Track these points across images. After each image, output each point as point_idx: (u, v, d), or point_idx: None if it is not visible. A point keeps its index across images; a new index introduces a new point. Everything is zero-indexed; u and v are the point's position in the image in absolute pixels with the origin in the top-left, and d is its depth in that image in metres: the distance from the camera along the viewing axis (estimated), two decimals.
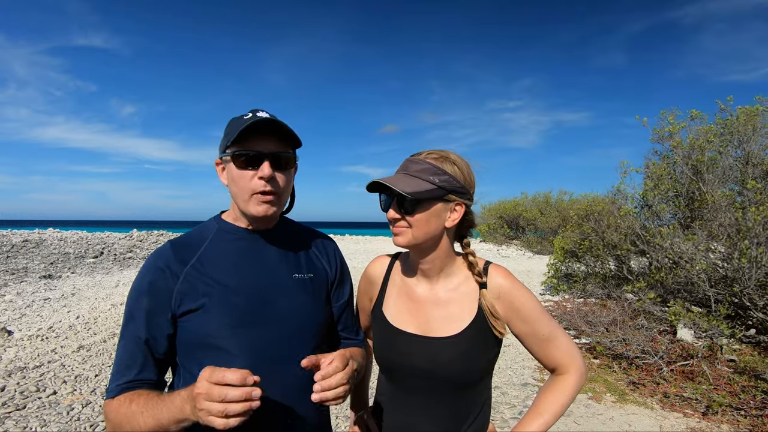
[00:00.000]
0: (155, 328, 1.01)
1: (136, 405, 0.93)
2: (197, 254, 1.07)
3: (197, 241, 1.10)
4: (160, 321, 1.01)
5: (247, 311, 1.03)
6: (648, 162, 6.86)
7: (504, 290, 1.11)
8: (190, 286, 1.02)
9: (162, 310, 1.01)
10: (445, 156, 1.10)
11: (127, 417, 0.93)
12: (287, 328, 1.07)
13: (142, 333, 1.01)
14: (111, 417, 0.97)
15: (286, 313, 1.08)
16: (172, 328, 1.02)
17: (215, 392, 0.76)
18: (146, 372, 1.01)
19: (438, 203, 1.08)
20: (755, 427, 3.28)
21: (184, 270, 1.04)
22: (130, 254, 15.39)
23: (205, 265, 1.06)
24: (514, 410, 3.77)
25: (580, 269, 8.54)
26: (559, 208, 20.02)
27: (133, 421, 0.92)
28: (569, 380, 1.11)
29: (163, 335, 1.02)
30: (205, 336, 1.00)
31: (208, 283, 1.03)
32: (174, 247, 1.07)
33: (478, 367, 1.11)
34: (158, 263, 1.05)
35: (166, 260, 1.05)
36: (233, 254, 1.09)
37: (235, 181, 1.05)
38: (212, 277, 1.04)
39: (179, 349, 1.05)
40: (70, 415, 3.47)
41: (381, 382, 1.26)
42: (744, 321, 5.10)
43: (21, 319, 6.54)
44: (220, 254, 1.08)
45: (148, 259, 1.08)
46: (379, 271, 1.29)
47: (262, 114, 1.04)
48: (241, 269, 1.07)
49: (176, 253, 1.06)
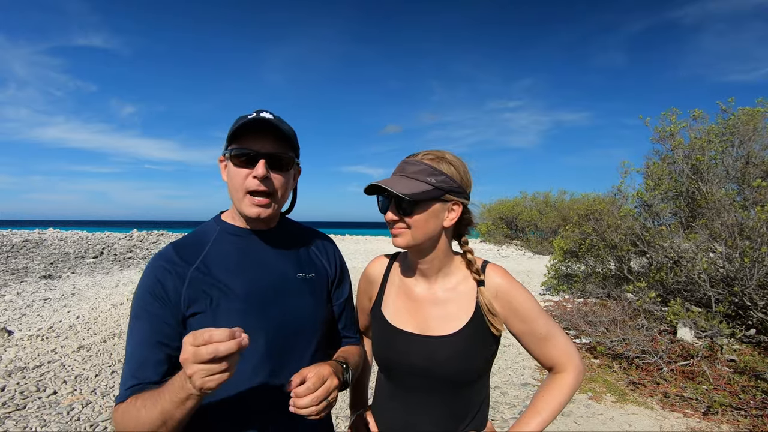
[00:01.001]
0: (164, 329, 1.00)
1: (141, 401, 0.91)
2: (201, 255, 1.07)
3: (200, 243, 1.10)
4: (169, 322, 1.01)
5: (251, 311, 1.04)
6: (648, 162, 6.87)
7: (501, 289, 1.12)
8: (196, 287, 1.02)
9: (171, 312, 1.00)
10: (441, 156, 1.12)
11: (132, 416, 0.91)
12: (291, 327, 1.08)
13: (150, 335, 0.99)
14: (118, 421, 0.95)
15: (289, 312, 1.08)
16: (181, 328, 1.02)
17: (203, 351, 0.73)
18: (156, 374, 0.99)
19: (436, 203, 1.09)
20: (755, 427, 3.28)
21: (188, 272, 1.03)
22: (130, 254, 15.39)
23: (209, 266, 1.05)
24: (514, 410, 3.77)
25: (580, 269, 8.54)
26: (559, 208, 20.03)
27: (138, 418, 0.89)
28: (566, 379, 1.12)
29: (172, 336, 1.00)
30: None
31: (213, 285, 1.03)
32: (177, 249, 1.07)
33: (476, 366, 1.12)
34: (165, 265, 1.04)
35: (171, 262, 1.04)
36: (236, 255, 1.09)
37: (231, 178, 1.06)
38: (217, 278, 1.04)
39: None
40: (70, 415, 3.47)
41: (380, 381, 1.27)
42: (744, 321, 5.10)
43: (21, 319, 6.54)
44: (223, 255, 1.08)
45: (151, 261, 1.07)
46: (378, 270, 1.30)
47: (265, 114, 1.04)
48: (244, 270, 1.08)
49: (179, 254, 1.06)
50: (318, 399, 0.90)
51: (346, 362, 1.12)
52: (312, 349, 1.11)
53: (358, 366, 1.22)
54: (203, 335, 0.74)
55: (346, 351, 1.22)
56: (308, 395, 0.89)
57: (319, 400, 0.90)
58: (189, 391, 0.79)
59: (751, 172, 5.78)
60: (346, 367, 1.09)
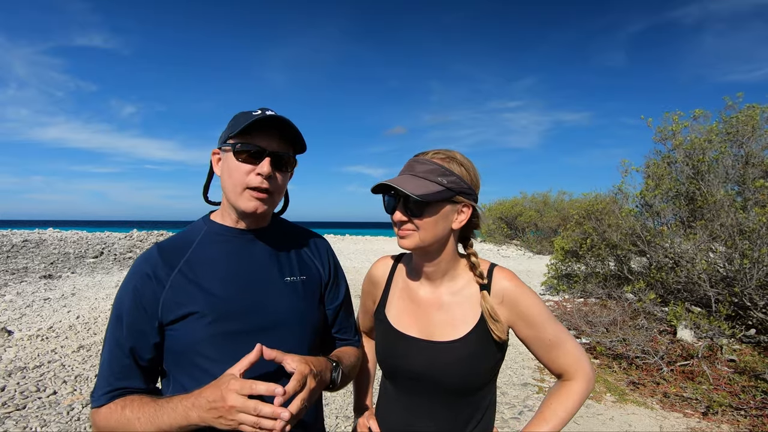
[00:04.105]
0: (140, 336, 0.98)
1: (130, 411, 0.91)
2: (185, 257, 1.04)
3: (184, 244, 1.07)
4: (145, 330, 0.98)
5: (237, 317, 1.00)
6: (649, 162, 6.87)
7: (508, 293, 1.08)
8: (178, 293, 0.99)
9: (147, 319, 0.98)
10: (452, 156, 1.08)
11: (121, 424, 0.91)
12: (280, 332, 1.04)
13: (126, 341, 0.98)
14: (102, 425, 0.94)
15: (278, 317, 1.05)
16: (158, 336, 1.00)
17: (250, 405, 0.80)
18: (134, 380, 0.98)
19: (446, 205, 1.06)
20: (755, 427, 3.28)
21: (171, 276, 1.00)
22: (130, 254, 15.38)
23: (193, 269, 1.02)
24: (514, 410, 3.77)
25: (580, 269, 8.54)
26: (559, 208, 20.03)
27: (129, 427, 0.90)
28: (575, 386, 1.08)
29: (148, 344, 0.99)
30: (194, 344, 0.97)
31: (197, 290, 1.00)
32: (161, 251, 1.04)
33: (481, 372, 1.09)
34: (145, 269, 1.01)
35: (153, 266, 1.01)
36: (222, 257, 1.06)
37: (230, 172, 1.03)
38: (200, 282, 1.01)
39: (167, 357, 1.02)
40: (70, 415, 3.47)
41: (384, 385, 1.25)
42: (744, 321, 5.10)
43: (21, 319, 6.54)
44: (208, 257, 1.05)
45: (134, 263, 1.04)
46: (381, 272, 1.27)
47: (271, 113, 1.02)
48: (230, 273, 1.04)
49: (163, 257, 1.03)
50: (299, 402, 0.87)
51: (338, 361, 1.09)
52: (304, 353, 1.07)
53: (352, 367, 1.19)
54: (248, 385, 0.82)
55: (342, 351, 1.20)
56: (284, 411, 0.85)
57: (298, 406, 0.87)
58: (196, 424, 0.85)
59: (750, 172, 5.79)
60: (336, 365, 1.06)
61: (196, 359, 0.98)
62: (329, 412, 3.63)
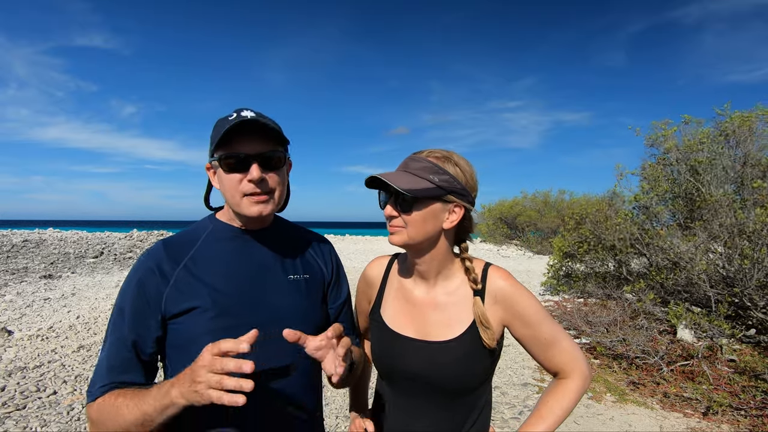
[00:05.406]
0: (143, 330, 0.99)
1: (122, 398, 0.91)
2: (190, 254, 1.05)
3: (190, 241, 1.08)
4: (148, 323, 0.99)
5: (239, 313, 1.01)
6: (645, 164, 6.88)
7: (504, 293, 1.08)
8: (181, 287, 1.00)
9: (151, 313, 0.99)
10: (448, 156, 1.08)
11: (110, 413, 0.91)
12: (281, 328, 1.03)
13: (129, 334, 0.98)
14: (95, 417, 0.94)
15: (281, 314, 1.05)
16: (161, 330, 1.00)
17: (217, 363, 0.77)
18: (133, 374, 0.98)
19: (436, 203, 1.05)
20: (755, 427, 3.29)
21: (175, 271, 1.01)
22: (130, 254, 15.38)
23: (197, 265, 1.03)
24: (514, 410, 3.77)
25: (579, 269, 8.54)
26: (559, 207, 20.02)
27: (117, 414, 0.90)
28: (572, 384, 1.09)
29: (150, 337, 0.99)
30: (195, 338, 0.97)
31: (200, 285, 1.01)
32: (166, 247, 1.05)
33: (476, 372, 1.09)
34: (149, 263, 1.02)
35: (158, 260, 1.02)
36: (226, 254, 1.07)
37: (224, 184, 1.03)
38: (204, 278, 1.02)
39: (169, 352, 1.03)
40: (70, 415, 3.47)
41: (380, 385, 1.25)
42: (744, 321, 5.10)
43: (21, 319, 6.54)
44: (213, 254, 1.06)
45: (139, 258, 1.05)
46: (377, 272, 1.26)
47: (246, 113, 1.00)
48: (234, 270, 1.05)
49: (168, 252, 1.04)
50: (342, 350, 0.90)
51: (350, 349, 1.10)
52: (305, 352, 1.09)
53: (359, 366, 1.20)
54: (216, 345, 0.79)
55: None
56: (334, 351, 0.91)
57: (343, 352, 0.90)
58: (176, 402, 0.83)
59: (749, 173, 5.79)
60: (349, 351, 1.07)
61: (197, 354, 0.98)
62: (329, 412, 3.63)
